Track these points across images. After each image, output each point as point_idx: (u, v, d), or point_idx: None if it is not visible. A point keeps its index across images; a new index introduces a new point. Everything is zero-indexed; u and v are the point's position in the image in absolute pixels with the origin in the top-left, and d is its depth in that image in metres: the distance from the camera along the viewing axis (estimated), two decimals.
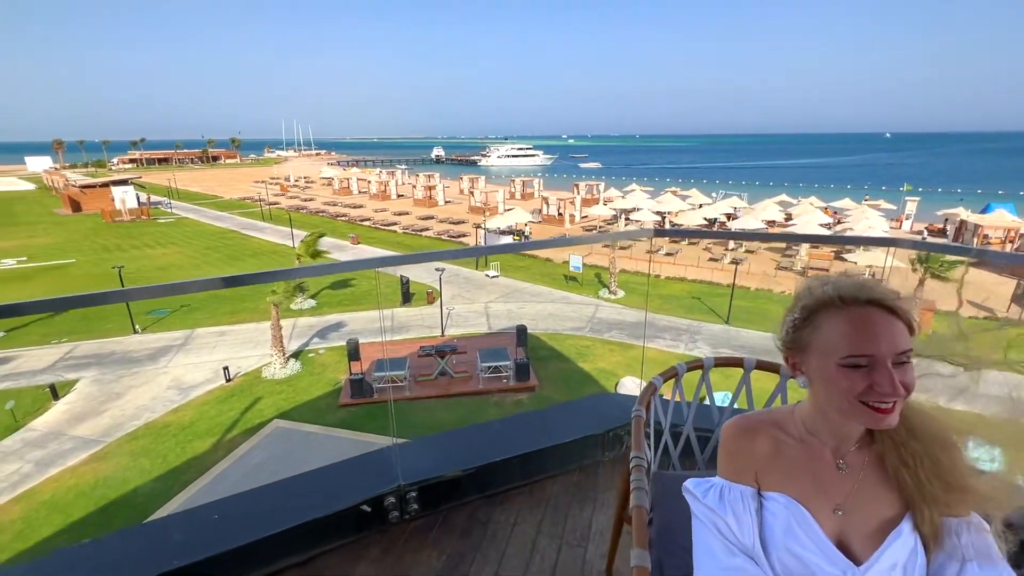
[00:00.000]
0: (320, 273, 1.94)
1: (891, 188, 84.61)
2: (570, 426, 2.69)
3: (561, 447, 2.54)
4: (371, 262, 2.02)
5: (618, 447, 2.68)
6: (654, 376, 1.69)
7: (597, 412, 2.90)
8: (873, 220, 38.72)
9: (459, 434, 2.71)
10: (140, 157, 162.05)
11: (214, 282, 1.63)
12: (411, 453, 2.39)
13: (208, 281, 1.63)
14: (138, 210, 60.66)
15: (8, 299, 18.75)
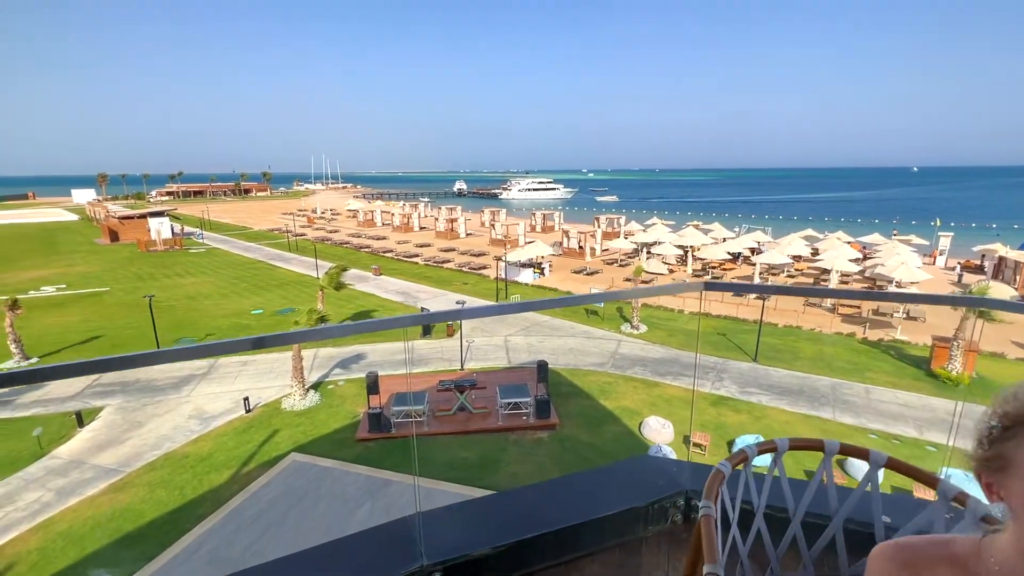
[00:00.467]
0: (351, 332, 1.86)
1: (921, 222, 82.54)
2: (608, 496, 2.43)
3: (599, 521, 2.28)
4: (402, 321, 1.89)
5: (663, 521, 2.40)
6: (720, 462, 1.46)
7: (637, 479, 2.63)
8: (905, 256, 37.54)
9: (486, 503, 2.46)
10: (177, 190, 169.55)
11: (243, 343, 1.53)
12: (435, 525, 2.17)
13: (237, 342, 1.52)
14: (172, 240, 62.94)
15: (45, 326, 19.38)
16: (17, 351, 24.77)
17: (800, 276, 43.31)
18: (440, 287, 40.07)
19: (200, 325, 30.79)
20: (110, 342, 27.99)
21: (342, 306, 33.71)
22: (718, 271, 44.49)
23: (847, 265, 36.50)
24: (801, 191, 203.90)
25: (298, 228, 79.99)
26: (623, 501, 2.37)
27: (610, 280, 41.28)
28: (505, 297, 35.62)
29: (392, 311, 33.39)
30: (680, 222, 73.74)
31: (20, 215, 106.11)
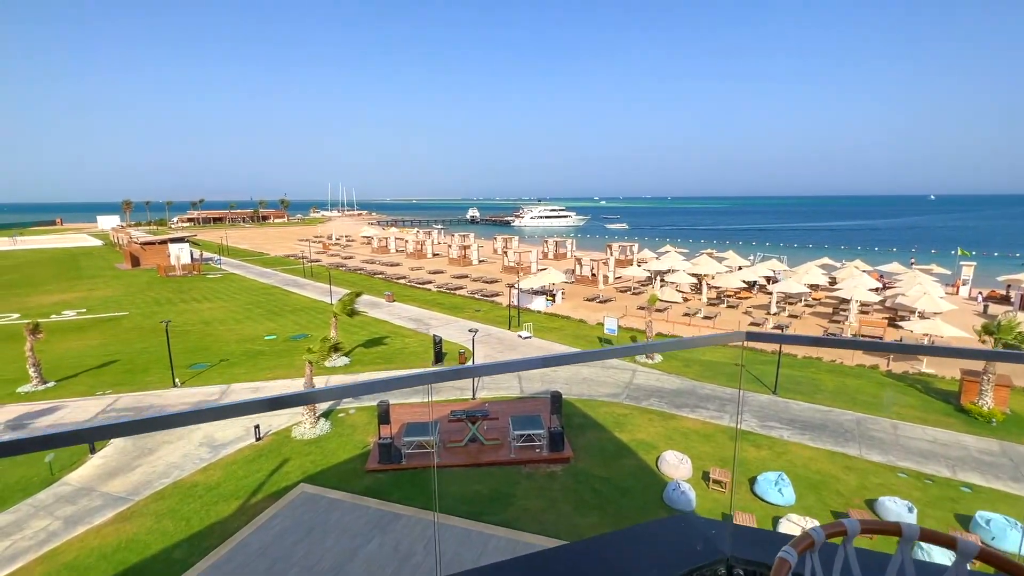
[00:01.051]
0: (370, 392, 1.78)
1: (942, 251, 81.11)
2: (642, 562, 2.23)
3: None
4: (426, 377, 1.76)
5: None
6: (784, 548, 1.28)
7: (673, 542, 2.42)
8: (927, 285, 36.72)
9: (508, 569, 2.27)
10: (198, 216, 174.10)
11: (259, 404, 1.43)
12: None
13: (252, 403, 1.43)
14: (190, 265, 64.21)
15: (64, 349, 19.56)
16: (35, 375, 25.06)
17: (818, 306, 42.51)
18: (452, 314, 40.03)
19: (214, 350, 30.99)
20: (125, 367, 28.24)
21: (355, 333, 33.75)
22: (733, 299, 43.90)
23: (866, 295, 35.77)
24: (816, 219, 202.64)
25: (313, 254, 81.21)
26: (659, 569, 2.17)
27: (623, 308, 40.90)
28: (518, 325, 35.40)
29: (404, 338, 33.34)
30: (693, 250, 73.43)
31: (48, 240, 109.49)
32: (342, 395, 1.67)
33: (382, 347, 31.36)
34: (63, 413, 22.24)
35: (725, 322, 36.29)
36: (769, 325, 34.93)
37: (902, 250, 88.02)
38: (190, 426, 20.79)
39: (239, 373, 26.94)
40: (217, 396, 23.98)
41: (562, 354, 1.95)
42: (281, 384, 25.28)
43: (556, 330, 34.99)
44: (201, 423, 1.42)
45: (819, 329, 34.82)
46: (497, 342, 32.09)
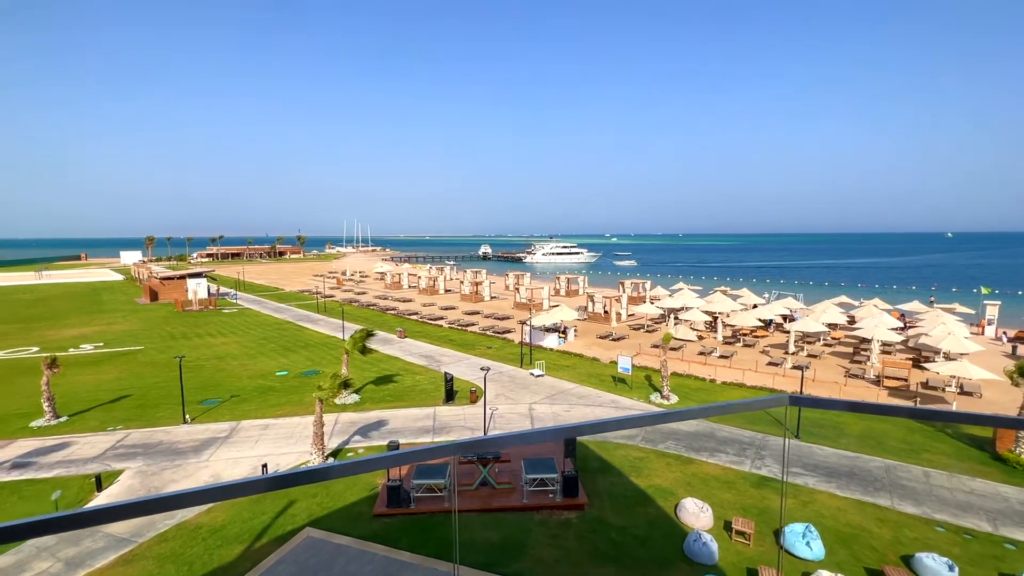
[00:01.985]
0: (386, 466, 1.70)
1: (963, 289, 79.42)
2: None
3: None
4: (448, 449, 1.65)
5: None
6: None
7: None
8: (951, 325, 35.75)
9: None
10: (216, 252, 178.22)
11: (263, 483, 1.34)
12: None
13: (256, 482, 1.33)
14: (206, 300, 65.18)
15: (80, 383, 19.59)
16: (49, 409, 25.15)
17: (838, 345, 41.49)
18: (464, 351, 39.76)
19: (225, 386, 30.96)
20: (137, 402, 28.25)
21: (366, 369, 33.59)
22: (749, 338, 43.08)
23: (888, 334, 34.87)
24: (831, 256, 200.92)
25: (327, 290, 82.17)
26: None
27: (637, 346, 40.31)
28: (530, 362, 34.97)
29: (415, 375, 33.05)
30: (706, 287, 72.87)
31: (71, 275, 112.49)
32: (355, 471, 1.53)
33: (393, 384, 31.07)
34: (73, 449, 22.14)
35: (742, 362, 35.47)
36: (788, 365, 34.05)
37: (921, 288, 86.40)
38: (199, 464, 20.55)
39: (249, 410, 26.78)
40: (226, 433, 23.75)
41: (588, 422, 1.83)
42: (292, 421, 25.01)
43: (569, 368, 34.47)
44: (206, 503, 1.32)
45: (840, 370, 33.83)
46: (509, 380, 31.64)
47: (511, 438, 1.82)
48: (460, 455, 1.59)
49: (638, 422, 1.93)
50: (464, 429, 24.11)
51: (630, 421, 1.95)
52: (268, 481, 1.36)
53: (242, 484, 1.36)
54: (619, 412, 26.11)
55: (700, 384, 30.79)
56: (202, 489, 1.35)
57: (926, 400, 27.28)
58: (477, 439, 1.66)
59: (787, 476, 19.44)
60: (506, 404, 27.32)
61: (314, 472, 1.51)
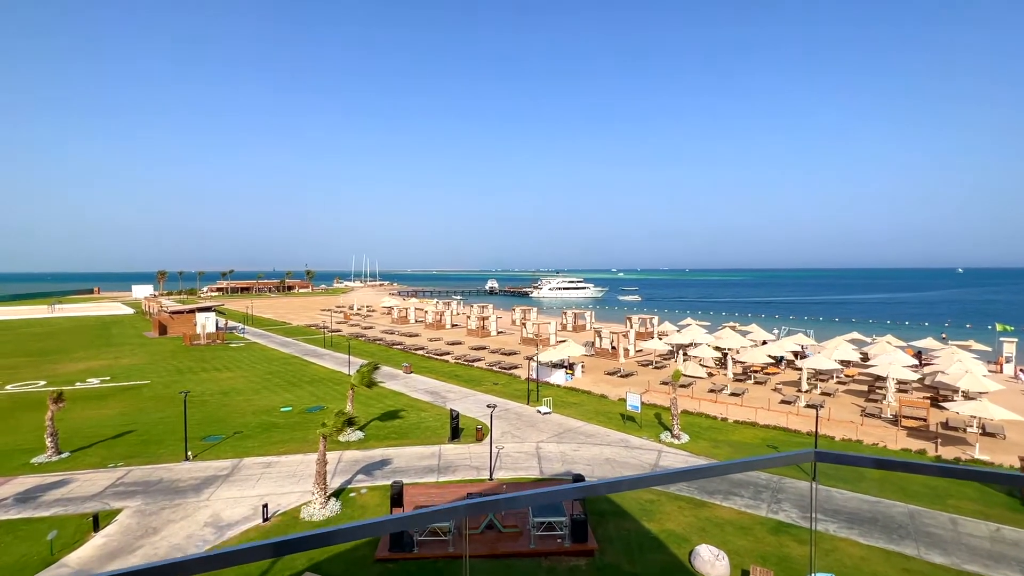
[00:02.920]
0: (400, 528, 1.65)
1: (977, 326, 78.05)
2: None
3: None
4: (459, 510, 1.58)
5: None
6: None
7: None
8: (968, 363, 34.94)
9: None
10: (226, 286, 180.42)
11: (267, 548, 1.29)
12: None
13: (259, 549, 1.28)
14: (214, 334, 65.44)
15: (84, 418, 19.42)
16: (51, 445, 24.92)
17: (852, 383, 40.56)
18: (470, 387, 39.30)
19: (229, 422, 30.64)
20: (140, 437, 27.97)
21: (371, 405, 33.20)
22: (760, 375, 42.29)
23: (903, 372, 34.09)
24: (839, 292, 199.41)
25: (334, 324, 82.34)
26: None
27: (646, 383, 39.65)
28: (537, 399, 34.41)
29: (420, 411, 32.58)
30: (715, 322, 72.18)
31: (83, 308, 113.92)
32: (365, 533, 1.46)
33: (398, 420, 30.60)
34: (73, 487, 21.79)
35: (753, 399, 34.69)
36: (801, 403, 33.23)
37: (934, 324, 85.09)
38: (198, 503, 20.09)
39: (252, 447, 26.38)
40: (228, 471, 23.32)
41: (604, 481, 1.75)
42: (295, 459, 24.55)
43: (576, 405, 33.86)
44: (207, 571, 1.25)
45: (855, 408, 32.93)
46: (516, 418, 31.07)
47: (523, 498, 1.74)
48: (470, 515, 1.51)
49: (654, 480, 1.84)
50: (469, 468, 23.52)
51: (645, 480, 1.86)
52: (272, 547, 1.30)
53: (245, 551, 1.31)
54: (628, 452, 25.43)
55: (711, 423, 30.04)
56: (204, 556, 1.29)
57: (948, 441, 26.37)
58: (488, 499, 1.58)
59: (814, 524, 18.64)
60: (512, 442, 26.73)
61: (317, 537, 1.44)
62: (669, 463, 23.97)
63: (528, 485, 21.39)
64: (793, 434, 27.89)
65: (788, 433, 28.06)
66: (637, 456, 24.89)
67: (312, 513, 19.08)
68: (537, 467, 23.69)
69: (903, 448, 25.61)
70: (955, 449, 25.40)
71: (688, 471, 1.91)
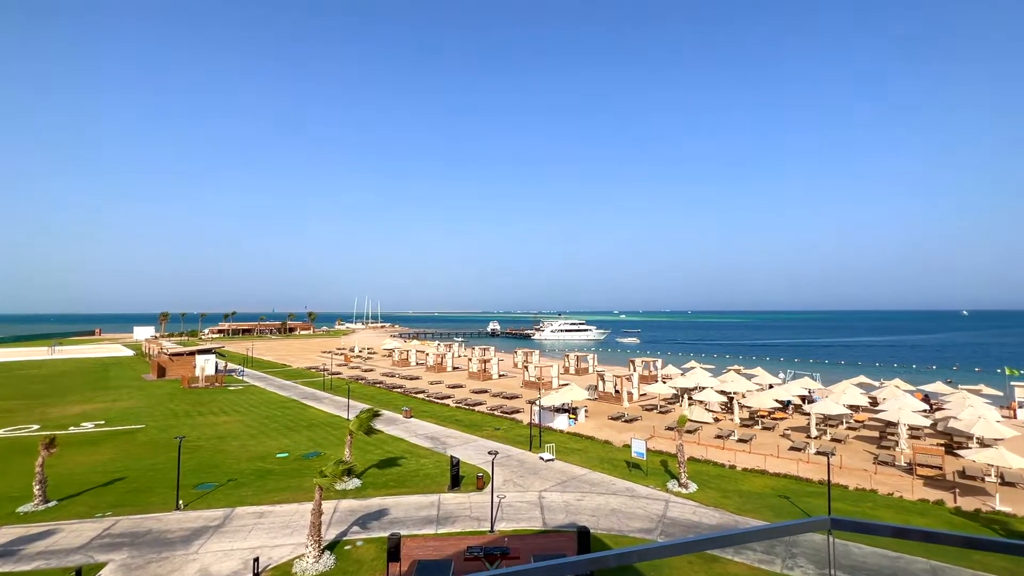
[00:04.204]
0: None
1: (986, 370, 76.91)
2: None
3: None
4: None
5: None
6: None
7: None
8: (980, 408, 34.21)
9: None
10: (228, 328, 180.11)
11: None
12: None
13: None
14: (213, 377, 64.76)
15: (75, 464, 19.02)
16: (39, 493, 24.17)
17: (862, 429, 39.57)
18: (471, 432, 38.44)
19: (223, 468, 29.82)
20: (130, 485, 27.15)
21: (369, 451, 32.40)
22: (768, 420, 41.34)
23: (914, 417, 33.30)
24: (843, 334, 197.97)
25: (335, 367, 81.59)
26: None
27: (651, 428, 38.75)
28: (539, 445, 33.56)
29: (420, 458, 31.72)
30: (719, 365, 71.34)
31: (83, 350, 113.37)
32: None
33: (397, 468, 29.74)
34: (58, 538, 20.96)
35: (762, 446, 33.76)
36: (811, 450, 32.30)
37: (942, 367, 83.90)
38: (186, 557, 19.29)
39: (245, 495, 25.54)
40: (219, 521, 22.48)
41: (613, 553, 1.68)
42: (289, 509, 23.71)
43: (580, 452, 32.96)
44: None
45: (867, 456, 31.95)
46: (518, 465, 30.19)
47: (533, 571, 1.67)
48: None
49: (666, 551, 1.76)
50: (470, 519, 22.64)
51: (656, 551, 1.78)
52: None
53: None
54: (635, 502, 24.51)
55: (719, 471, 29.11)
56: None
57: (966, 491, 25.41)
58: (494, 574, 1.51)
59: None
60: (514, 491, 25.85)
61: None
62: (677, 514, 23.06)
63: (531, 538, 20.53)
64: (805, 483, 26.96)
65: (799, 482, 27.13)
66: (644, 506, 23.98)
67: (305, 568, 18.24)
68: (540, 518, 22.80)
69: (920, 499, 24.66)
70: (975, 500, 24.45)
71: (699, 541, 1.83)
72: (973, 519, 22.53)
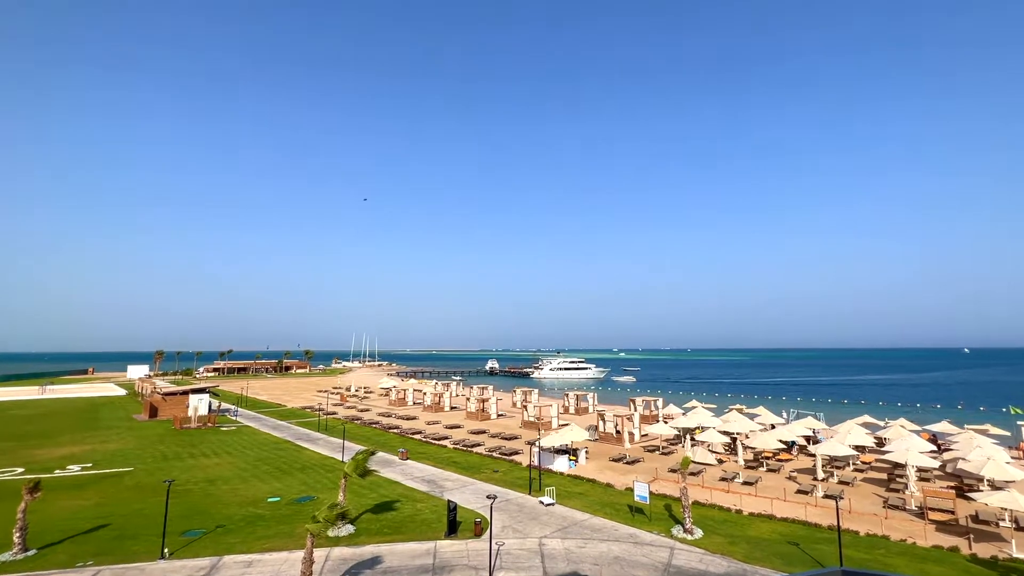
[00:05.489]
0: None
1: (991, 409, 75.90)
2: None
3: None
4: None
5: None
6: None
7: None
8: (988, 449, 33.55)
9: None
10: (223, 366, 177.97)
11: None
12: None
13: None
14: (206, 417, 63.50)
15: (58, 509, 18.39)
16: (19, 541, 23.18)
17: (869, 470, 38.63)
18: (469, 474, 37.40)
19: (212, 514, 28.79)
20: (114, 532, 26.10)
21: (364, 495, 31.41)
22: (772, 462, 40.38)
23: (922, 459, 32.56)
24: (846, 373, 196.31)
25: (330, 406, 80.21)
26: None
27: (653, 470, 37.77)
28: (539, 488, 32.59)
29: (416, 502, 30.73)
30: (720, 404, 70.36)
31: (75, 390, 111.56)
32: None
33: (392, 513, 28.75)
34: None
35: (768, 488, 32.84)
36: (819, 493, 31.41)
37: (947, 407, 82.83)
38: None
39: (234, 543, 24.53)
40: (205, 571, 21.50)
41: None
42: (279, 557, 22.74)
43: (581, 496, 31.99)
44: None
45: (876, 499, 31.04)
46: (517, 510, 29.23)
47: None
48: None
49: None
50: (467, 568, 21.71)
51: None
52: None
53: None
54: (639, 549, 23.58)
55: (725, 516, 28.19)
56: None
57: (981, 537, 24.56)
58: None
59: None
60: (514, 538, 24.92)
61: None
62: (683, 562, 22.15)
63: None
64: (814, 528, 26.07)
65: (808, 528, 26.24)
66: (648, 554, 23.07)
67: None
68: (540, 567, 21.88)
69: (934, 545, 23.79)
70: (990, 546, 23.60)
71: None
72: (991, 568, 21.67)
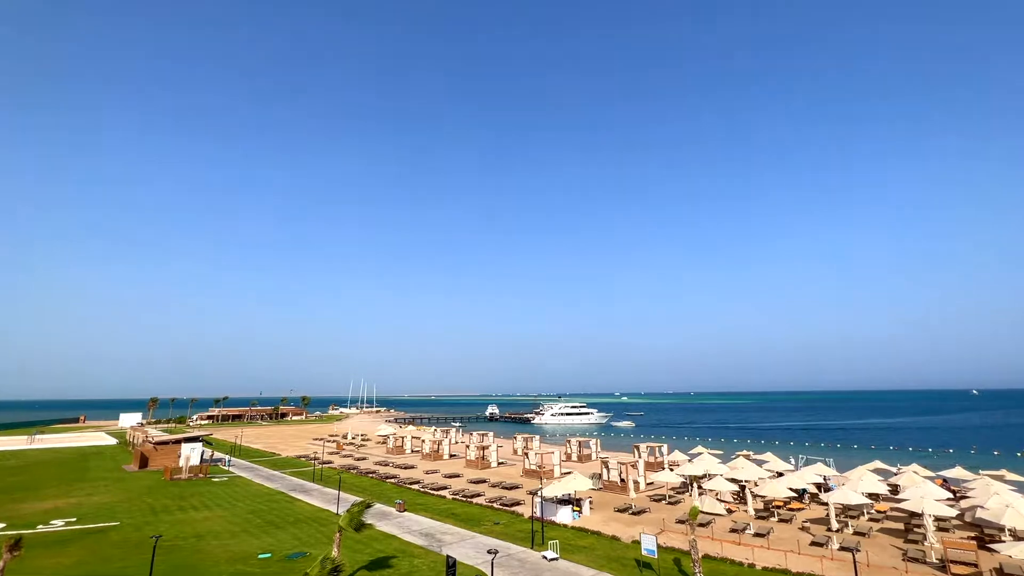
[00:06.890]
0: None
1: (1006, 453, 73.88)
2: None
3: None
4: None
5: None
6: None
7: None
8: (1006, 496, 32.37)
9: None
10: (217, 414, 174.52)
11: None
12: None
13: None
14: (198, 467, 61.61)
15: (38, 568, 17.56)
16: None
17: (885, 520, 37.13)
18: (468, 527, 35.91)
19: (201, 571, 27.40)
20: None
21: (359, 550, 30.03)
22: (784, 511, 38.87)
23: (938, 507, 31.37)
24: (853, 416, 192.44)
25: (326, 455, 78.03)
26: None
27: (660, 521, 36.28)
28: (542, 542, 31.20)
29: (413, 557, 29.33)
30: (727, 450, 68.56)
31: (64, 439, 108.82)
32: None
33: (387, 570, 27.37)
34: None
35: (780, 540, 31.45)
36: (834, 545, 30.06)
37: (960, 451, 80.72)
38: None
39: None
40: None
41: None
42: None
43: (586, 549, 30.58)
44: None
45: (895, 551, 29.67)
46: (519, 565, 27.87)
47: None
48: None
49: None
50: None
51: None
52: None
53: None
54: None
55: (737, 570, 26.86)
56: None
57: None
58: None
59: None
60: None
61: None
62: None
63: None
64: None
65: None
66: None
67: None
68: None
69: None
70: None
71: None
72: None
